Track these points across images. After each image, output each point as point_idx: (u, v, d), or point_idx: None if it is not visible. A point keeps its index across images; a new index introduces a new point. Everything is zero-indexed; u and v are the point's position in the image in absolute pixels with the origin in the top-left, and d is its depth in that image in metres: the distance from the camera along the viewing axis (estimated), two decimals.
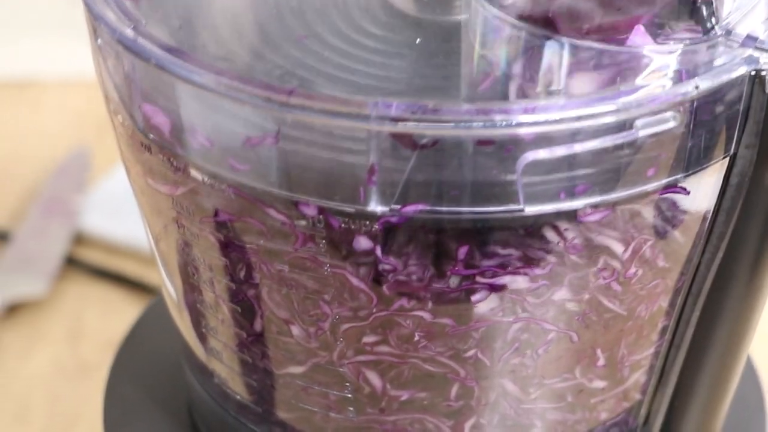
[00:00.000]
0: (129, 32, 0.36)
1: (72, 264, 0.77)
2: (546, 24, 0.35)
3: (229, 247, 0.37)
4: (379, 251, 0.34)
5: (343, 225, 0.34)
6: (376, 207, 0.33)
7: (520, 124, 0.31)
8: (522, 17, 0.35)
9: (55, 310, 0.73)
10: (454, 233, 0.34)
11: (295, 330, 0.38)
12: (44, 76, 0.97)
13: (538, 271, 0.35)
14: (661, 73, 0.34)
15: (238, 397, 0.44)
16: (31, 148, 0.89)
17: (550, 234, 0.34)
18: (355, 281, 0.36)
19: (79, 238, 0.79)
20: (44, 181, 0.84)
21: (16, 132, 0.91)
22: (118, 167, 0.83)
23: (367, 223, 0.34)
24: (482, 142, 0.32)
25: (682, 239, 0.38)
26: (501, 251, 0.35)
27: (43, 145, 0.89)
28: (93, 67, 0.40)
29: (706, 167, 0.35)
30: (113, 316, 0.72)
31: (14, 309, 0.73)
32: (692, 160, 0.34)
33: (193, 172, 0.36)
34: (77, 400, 0.67)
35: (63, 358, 0.70)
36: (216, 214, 0.37)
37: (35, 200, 0.82)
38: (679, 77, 0.33)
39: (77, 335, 0.72)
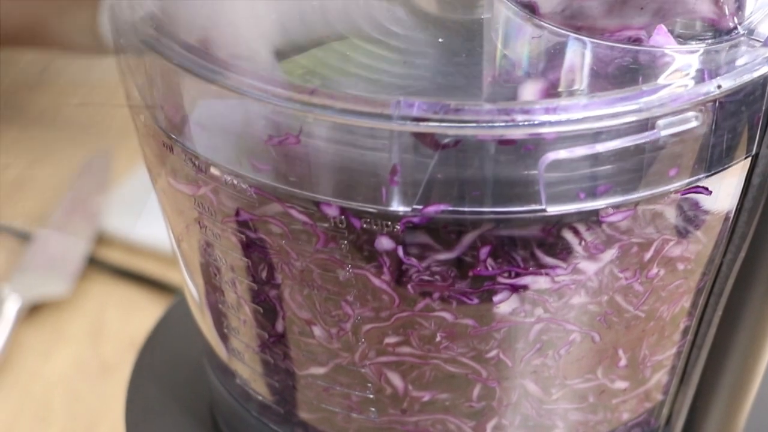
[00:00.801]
0: (151, 31, 0.36)
1: (94, 264, 0.77)
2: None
3: (251, 247, 0.37)
4: (401, 251, 0.34)
5: (364, 225, 0.34)
6: (398, 207, 0.33)
7: (542, 124, 0.31)
8: None
9: (77, 310, 0.74)
10: (476, 233, 0.34)
11: (317, 331, 0.38)
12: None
13: (559, 271, 0.35)
14: (683, 73, 0.34)
15: (260, 397, 0.44)
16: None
17: (571, 234, 0.34)
18: (377, 282, 0.36)
19: (101, 239, 0.79)
20: (66, 182, 0.84)
21: None
22: (139, 168, 0.83)
23: (389, 223, 0.34)
24: (504, 142, 0.32)
25: (704, 239, 0.38)
26: (522, 252, 0.34)
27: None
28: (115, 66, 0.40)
29: (728, 167, 0.35)
30: (135, 316, 0.73)
31: (36, 309, 0.73)
32: (714, 160, 0.34)
33: (215, 172, 0.36)
34: (99, 399, 0.67)
35: (85, 357, 0.70)
36: (237, 214, 0.37)
37: (57, 201, 0.82)
38: (702, 77, 0.33)
39: (99, 335, 0.72)
